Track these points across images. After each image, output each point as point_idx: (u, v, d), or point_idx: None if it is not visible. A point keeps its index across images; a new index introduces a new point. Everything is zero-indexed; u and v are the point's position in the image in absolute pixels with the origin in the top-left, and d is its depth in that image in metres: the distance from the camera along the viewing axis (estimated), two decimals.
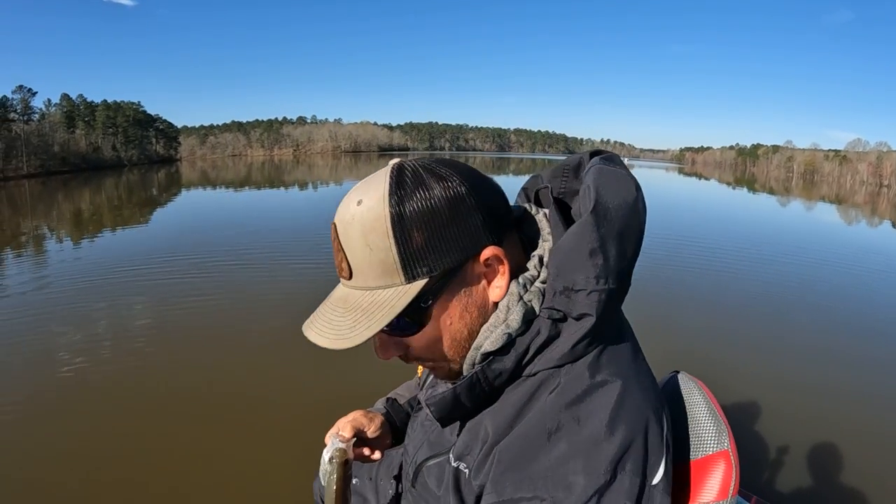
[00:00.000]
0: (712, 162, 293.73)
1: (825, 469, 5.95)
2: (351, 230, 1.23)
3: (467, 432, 1.31)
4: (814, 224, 36.98)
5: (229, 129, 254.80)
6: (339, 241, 1.26)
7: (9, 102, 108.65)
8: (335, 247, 1.28)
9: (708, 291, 13.00)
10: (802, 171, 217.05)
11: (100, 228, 25.17)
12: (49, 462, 5.60)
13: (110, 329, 9.97)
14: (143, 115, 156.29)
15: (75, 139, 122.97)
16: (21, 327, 9.94)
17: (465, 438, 1.31)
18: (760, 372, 8.28)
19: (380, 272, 1.22)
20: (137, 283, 13.19)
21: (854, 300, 13.33)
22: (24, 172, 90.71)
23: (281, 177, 77.61)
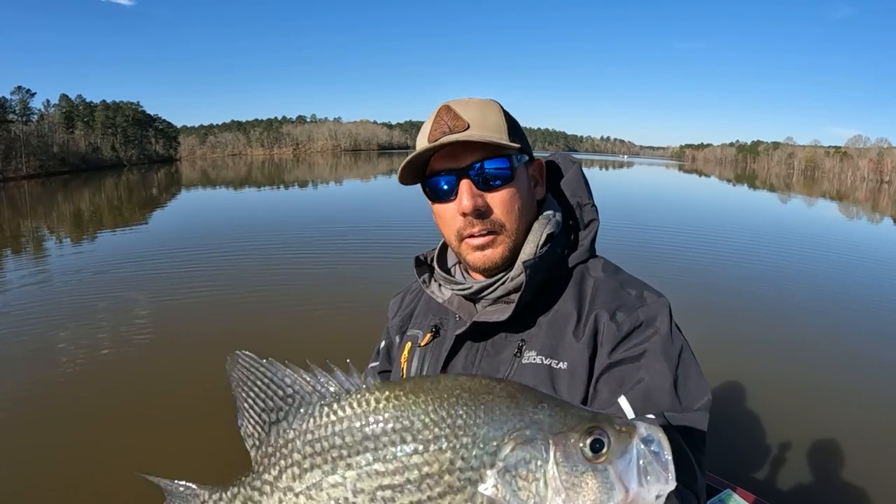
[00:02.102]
0: (713, 159, 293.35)
1: (826, 470, 5.92)
2: (469, 106, 1.81)
3: (545, 332, 1.65)
4: (814, 219, 36.98)
5: (229, 129, 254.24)
6: (453, 111, 1.79)
7: (7, 103, 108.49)
8: (450, 115, 1.79)
9: (711, 291, 12.96)
10: (803, 168, 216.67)
11: (99, 228, 25.17)
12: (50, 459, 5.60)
13: (110, 326, 9.97)
14: (143, 115, 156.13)
15: (74, 140, 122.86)
16: (21, 324, 9.97)
17: (544, 339, 1.63)
18: (763, 371, 8.28)
19: (493, 128, 1.78)
20: (138, 280, 13.26)
21: (865, 301, 13.34)
22: (24, 173, 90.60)
23: (281, 176, 77.64)
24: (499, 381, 0.93)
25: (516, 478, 0.81)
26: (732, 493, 4.08)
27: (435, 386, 0.88)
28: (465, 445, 0.83)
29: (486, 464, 0.82)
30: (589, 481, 0.79)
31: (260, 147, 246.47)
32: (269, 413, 0.92)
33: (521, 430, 0.84)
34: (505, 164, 1.81)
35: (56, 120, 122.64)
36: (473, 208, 1.76)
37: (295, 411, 0.91)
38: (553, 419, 0.85)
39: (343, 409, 0.88)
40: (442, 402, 0.85)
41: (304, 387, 0.90)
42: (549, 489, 0.80)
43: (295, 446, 0.90)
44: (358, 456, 0.86)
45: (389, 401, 0.86)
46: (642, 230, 19.64)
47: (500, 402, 0.86)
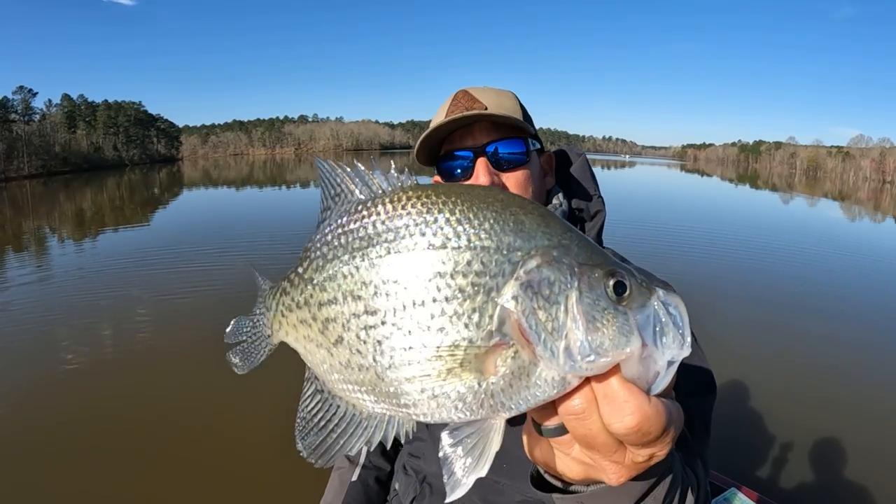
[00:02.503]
0: (714, 158, 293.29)
1: (830, 469, 5.91)
2: (485, 91, 1.93)
3: None
4: (817, 219, 36.97)
5: (231, 129, 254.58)
6: (470, 94, 1.90)
7: (9, 103, 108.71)
8: (467, 97, 1.89)
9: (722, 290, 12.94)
10: (805, 168, 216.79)
11: (101, 227, 25.14)
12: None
13: (112, 323, 9.95)
14: (145, 115, 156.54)
15: (76, 139, 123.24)
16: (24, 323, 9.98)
17: None
18: (769, 371, 8.26)
19: (508, 112, 1.87)
20: (140, 277, 13.28)
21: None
22: (26, 173, 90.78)
23: (283, 175, 77.59)
24: (532, 201, 0.91)
25: (538, 295, 0.79)
26: (737, 491, 4.06)
27: (467, 191, 0.86)
28: (487, 249, 0.80)
29: (507, 272, 0.80)
30: (609, 319, 0.77)
31: (262, 147, 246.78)
32: (323, 205, 0.94)
33: (549, 249, 0.81)
34: (521, 148, 1.89)
35: (58, 119, 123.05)
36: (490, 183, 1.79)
37: (339, 209, 0.91)
38: (581, 250, 0.83)
39: (375, 205, 0.87)
40: (471, 205, 0.83)
41: (349, 185, 0.90)
42: (568, 316, 0.78)
43: (325, 240, 0.90)
44: (376, 247, 0.84)
45: (420, 198, 0.85)
46: (643, 229, 19.62)
47: (532, 218, 0.84)
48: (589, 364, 0.76)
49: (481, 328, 0.79)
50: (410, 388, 0.82)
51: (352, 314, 0.85)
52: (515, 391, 0.79)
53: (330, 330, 0.88)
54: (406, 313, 0.81)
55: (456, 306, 0.80)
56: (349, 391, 0.89)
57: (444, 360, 0.79)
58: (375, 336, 0.83)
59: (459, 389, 0.80)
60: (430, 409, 0.83)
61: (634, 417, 0.76)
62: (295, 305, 0.95)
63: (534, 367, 0.78)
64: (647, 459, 0.83)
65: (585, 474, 0.89)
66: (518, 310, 0.78)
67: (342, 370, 0.88)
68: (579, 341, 0.76)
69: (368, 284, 0.84)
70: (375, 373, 0.84)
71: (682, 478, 1.19)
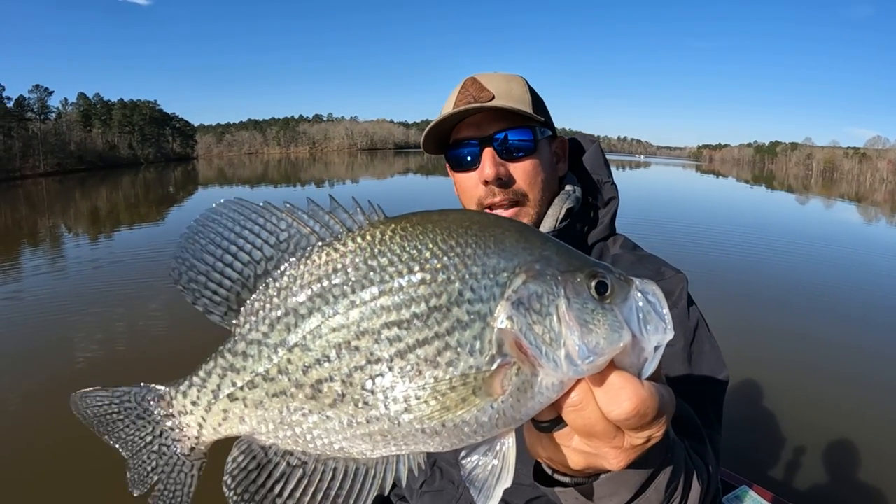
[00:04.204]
0: (730, 159, 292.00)
1: (842, 469, 5.87)
2: (493, 78, 1.90)
3: None
4: (833, 221, 36.77)
5: (246, 127, 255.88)
6: (479, 82, 1.88)
7: (25, 102, 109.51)
8: (476, 86, 1.87)
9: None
10: (821, 169, 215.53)
11: (116, 225, 25.29)
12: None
13: (126, 316, 10.02)
14: (160, 114, 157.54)
15: (92, 138, 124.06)
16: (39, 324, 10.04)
17: None
18: (782, 371, 8.26)
19: (517, 100, 1.87)
20: (154, 273, 13.19)
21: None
22: (41, 171, 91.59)
23: (297, 174, 77.86)
24: (506, 218, 0.94)
25: (530, 311, 0.80)
26: (749, 489, 4.02)
27: (443, 218, 0.85)
28: (475, 275, 0.80)
29: (497, 295, 0.81)
30: (600, 319, 0.80)
31: (276, 146, 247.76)
32: (257, 264, 0.85)
33: (532, 263, 0.83)
34: (528, 136, 1.88)
35: (74, 118, 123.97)
36: (496, 177, 1.82)
37: (288, 258, 0.84)
38: (560, 258, 0.85)
39: (346, 245, 0.83)
40: (451, 233, 0.83)
41: (300, 229, 0.84)
42: (562, 325, 0.79)
43: (289, 292, 0.83)
44: (363, 291, 0.81)
45: (396, 232, 0.83)
46: (658, 231, 19.54)
47: (510, 236, 0.85)
48: (589, 365, 0.78)
49: (484, 354, 0.80)
50: (429, 425, 0.81)
51: (353, 368, 0.81)
52: (522, 404, 0.81)
53: (324, 392, 0.83)
54: (413, 353, 0.80)
55: (458, 337, 0.79)
56: (351, 447, 0.85)
57: (458, 390, 0.79)
58: (384, 384, 0.81)
59: (476, 415, 0.80)
60: (450, 440, 0.83)
61: (632, 402, 0.78)
62: (261, 380, 0.85)
63: (535, 378, 0.80)
64: (645, 442, 0.86)
65: (587, 463, 0.91)
66: (515, 328, 0.79)
67: (344, 430, 0.84)
68: (577, 346, 0.78)
69: (366, 331, 0.81)
70: (389, 420, 0.82)
71: (686, 465, 1.19)
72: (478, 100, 1.84)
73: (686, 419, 1.50)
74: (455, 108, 1.85)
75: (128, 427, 0.96)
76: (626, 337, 0.79)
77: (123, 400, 0.96)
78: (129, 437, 0.96)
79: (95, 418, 0.97)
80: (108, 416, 0.96)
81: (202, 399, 0.89)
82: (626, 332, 0.80)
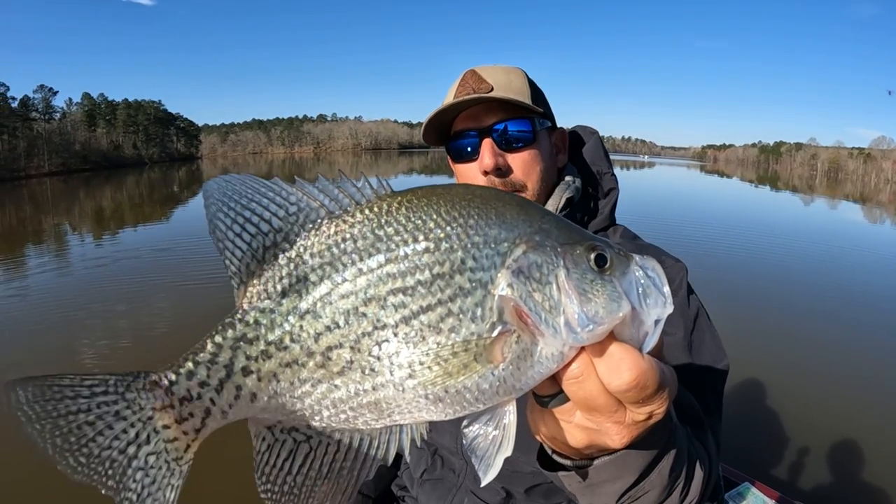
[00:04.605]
0: (734, 159, 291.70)
1: (844, 467, 5.91)
2: (493, 71, 1.93)
3: None
4: (838, 221, 36.74)
5: (250, 127, 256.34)
6: (478, 74, 1.91)
7: (30, 101, 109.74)
8: (475, 78, 1.90)
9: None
10: (826, 169, 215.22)
11: (121, 224, 25.35)
12: None
13: (130, 316, 10.04)
14: (164, 114, 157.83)
15: (96, 137, 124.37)
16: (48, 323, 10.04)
17: None
18: (786, 370, 8.28)
19: (517, 92, 1.89)
20: (159, 270, 13.32)
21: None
22: (46, 170, 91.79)
23: (302, 174, 76.54)
24: (509, 192, 0.95)
25: (530, 279, 0.81)
26: (751, 486, 4.03)
27: (447, 191, 0.87)
28: (477, 245, 0.82)
29: (497, 264, 0.82)
30: (599, 289, 0.80)
31: (280, 145, 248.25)
32: (266, 236, 0.84)
33: (532, 234, 0.84)
34: (527, 127, 1.90)
35: (78, 118, 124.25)
36: (494, 167, 1.85)
37: (298, 229, 0.84)
38: (560, 231, 0.86)
39: (354, 217, 0.84)
40: (454, 205, 0.84)
41: (309, 202, 0.85)
42: (561, 293, 0.81)
43: (300, 261, 0.84)
44: (370, 259, 0.82)
45: (402, 204, 0.84)
46: (660, 231, 19.52)
47: (512, 209, 0.86)
48: (588, 333, 0.79)
49: (485, 321, 0.81)
50: (432, 390, 0.82)
51: (361, 333, 0.82)
52: (523, 372, 0.81)
53: (334, 359, 0.83)
54: (418, 319, 0.81)
55: (460, 304, 0.81)
56: (357, 418, 0.85)
57: (460, 355, 0.80)
58: (389, 350, 0.81)
59: (477, 381, 0.81)
60: (452, 407, 0.84)
61: (632, 372, 0.79)
62: (274, 349, 0.84)
63: (535, 346, 0.81)
64: (647, 418, 0.86)
65: (589, 440, 0.91)
66: (515, 296, 0.81)
67: (351, 398, 0.84)
68: (576, 314, 0.79)
69: (373, 298, 0.82)
70: (394, 386, 0.82)
71: (689, 451, 1.20)
72: (477, 91, 1.86)
73: (687, 407, 1.52)
74: (455, 100, 1.86)
75: (100, 434, 0.83)
76: (626, 307, 0.80)
77: (96, 392, 0.82)
78: (100, 450, 0.83)
79: (47, 420, 0.82)
80: (69, 416, 0.82)
81: (213, 377, 0.84)
82: (626, 303, 0.80)
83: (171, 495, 0.85)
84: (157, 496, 0.84)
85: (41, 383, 0.81)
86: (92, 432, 0.82)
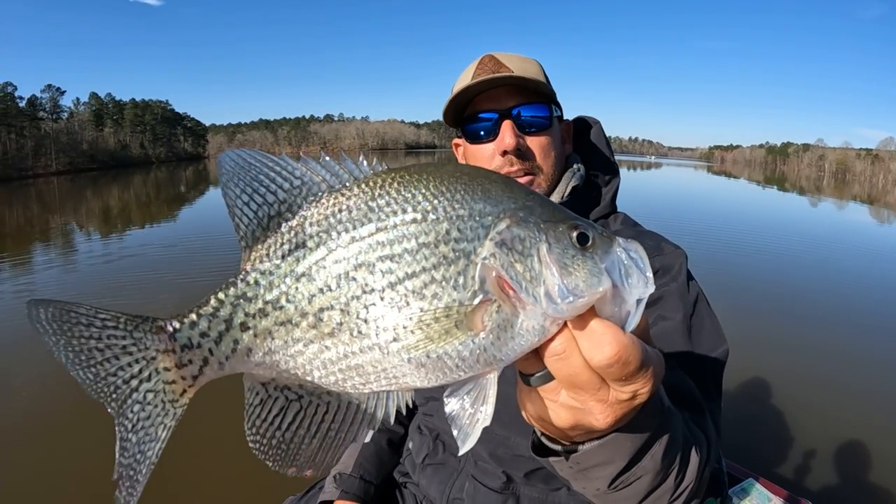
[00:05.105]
0: (742, 160, 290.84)
1: (850, 465, 5.89)
2: (510, 57, 1.99)
3: None
4: (846, 222, 36.62)
5: (257, 127, 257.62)
6: (496, 58, 1.97)
7: (38, 101, 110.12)
8: (493, 61, 1.96)
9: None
10: (833, 171, 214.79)
11: (128, 223, 25.43)
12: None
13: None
14: (171, 114, 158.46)
15: (104, 137, 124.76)
16: None
17: None
18: (791, 368, 8.24)
19: (535, 75, 1.94)
20: (166, 268, 13.32)
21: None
22: (53, 170, 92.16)
23: None
24: (495, 172, 0.99)
25: (512, 251, 0.84)
26: (755, 482, 4.01)
27: (437, 169, 0.90)
28: (462, 217, 0.85)
29: (481, 235, 0.85)
30: (579, 263, 0.83)
31: (287, 145, 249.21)
32: (271, 206, 0.89)
33: (516, 210, 0.87)
34: (545, 112, 1.97)
35: (85, 118, 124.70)
36: (515, 147, 1.89)
37: (301, 201, 0.89)
38: (543, 209, 0.89)
39: (351, 190, 0.88)
40: (443, 180, 0.88)
41: (312, 177, 0.89)
42: (542, 265, 0.83)
43: (300, 229, 0.88)
44: (362, 227, 0.86)
45: (395, 180, 0.88)
46: (663, 231, 19.47)
47: (497, 186, 0.90)
48: (569, 305, 0.81)
49: (466, 289, 0.84)
50: (415, 355, 0.84)
51: (351, 296, 0.86)
52: (503, 342, 0.84)
53: (325, 320, 0.87)
54: (403, 285, 0.84)
55: (443, 272, 0.84)
56: (345, 380, 0.88)
57: (442, 321, 0.83)
58: (376, 313, 0.85)
59: (458, 348, 0.83)
60: (434, 374, 0.86)
61: (613, 347, 0.80)
62: (271, 308, 0.88)
63: (516, 318, 0.83)
64: (631, 397, 0.87)
65: (574, 419, 0.92)
66: (497, 265, 0.84)
67: (340, 360, 0.87)
68: (557, 286, 0.82)
69: (363, 263, 0.85)
70: (379, 349, 0.85)
71: (684, 437, 1.21)
72: (494, 72, 1.92)
73: (685, 391, 1.53)
74: (475, 79, 1.90)
75: (108, 361, 0.90)
76: (606, 283, 0.82)
77: (108, 325, 0.90)
78: (106, 374, 0.90)
79: (62, 337, 0.90)
80: (82, 339, 0.90)
81: (213, 329, 0.89)
82: (606, 279, 0.82)
83: (163, 433, 0.90)
84: (149, 430, 0.89)
85: (60, 307, 0.88)
86: (101, 357, 0.89)
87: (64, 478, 5.25)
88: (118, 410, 0.90)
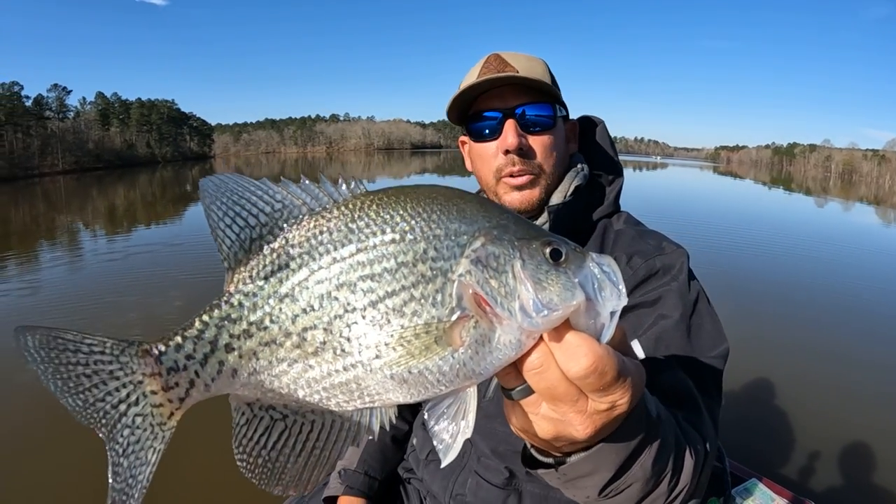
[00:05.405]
0: (748, 161, 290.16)
1: (854, 467, 5.91)
2: (517, 56, 1.99)
3: None
4: (852, 224, 36.55)
5: (263, 127, 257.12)
6: (501, 57, 1.97)
7: (44, 100, 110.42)
8: (499, 61, 1.97)
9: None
10: (840, 171, 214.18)
11: (133, 222, 25.45)
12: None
13: (143, 311, 10.08)
14: (177, 113, 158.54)
15: (110, 136, 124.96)
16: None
17: None
18: (795, 369, 8.25)
19: (540, 74, 1.96)
20: (173, 266, 13.37)
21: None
22: (59, 169, 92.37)
23: (314, 173, 77.30)
24: (471, 193, 1.00)
25: (487, 268, 0.86)
26: (759, 482, 4.01)
27: (414, 190, 0.93)
28: (438, 237, 0.88)
29: (457, 254, 0.87)
30: (553, 278, 0.85)
31: (293, 145, 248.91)
32: (253, 229, 0.91)
33: (490, 229, 0.89)
34: (549, 112, 1.97)
35: (92, 117, 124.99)
36: (517, 146, 1.90)
37: (283, 223, 0.90)
38: (517, 227, 0.92)
39: (331, 212, 0.90)
40: (419, 202, 0.91)
41: (293, 200, 0.91)
42: (517, 281, 0.85)
43: (282, 251, 0.89)
44: (343, 248, 0.87)
45: (373, 202, 0.90)
46: (666, 232, 19.44)
47: (472, 206, 0.92)
48: (543, 319, 0.83)
49: (445, 305, 0.86)
50: (397, 371, 0.87)
51: (333, 315, 0.87)
52: (482, 357, 0.86)
53: (309, 339, 0.88)
54: (383, 303, 0.87)
55: (422, 290, 0.86)
56: (329, 398, 0.90)
57: (422, 338, 0.85)
58: (358, 331, 0.87)
59: (438, 364, 0.85)
60: (416, 389, 0.88)
61: (588, 358, 0.82)
62: (255, 329, 0.90)
63: (493, 333, 0.85)
64: (610, 408, 0.89)
65: (556, 431, 0.93)
66: (472, 281, 0.86)
67: (324, 378, 0.89)
68: (531, 300, 0.84)
69: (344, 283, 0.87)
70: (362, 366, 0.87)
71: (676, 442, 1.22)
72: (501, 73, 1.92)
73: (682, 389, 1.55)
74: (480, 78, 1.91)
75: (95, 387, 0.91)
76: (580, 296, 0.84)
77: (94, 350, 0.91)
78: (95, 400, 0.92)
79: (50, 365, 0.91)
80: (69, 366, 0.91)
81: (198, 351, 0.90)
82: (580, 292, 0.84)
83: (153, 457, 0.91)
84: (139, 455, 0.91)
85: (47, 333, 0.89)
86: (88, 383, 0.90)
87: (63, 488, 5.26)
88: (108, 435, 0.91)
